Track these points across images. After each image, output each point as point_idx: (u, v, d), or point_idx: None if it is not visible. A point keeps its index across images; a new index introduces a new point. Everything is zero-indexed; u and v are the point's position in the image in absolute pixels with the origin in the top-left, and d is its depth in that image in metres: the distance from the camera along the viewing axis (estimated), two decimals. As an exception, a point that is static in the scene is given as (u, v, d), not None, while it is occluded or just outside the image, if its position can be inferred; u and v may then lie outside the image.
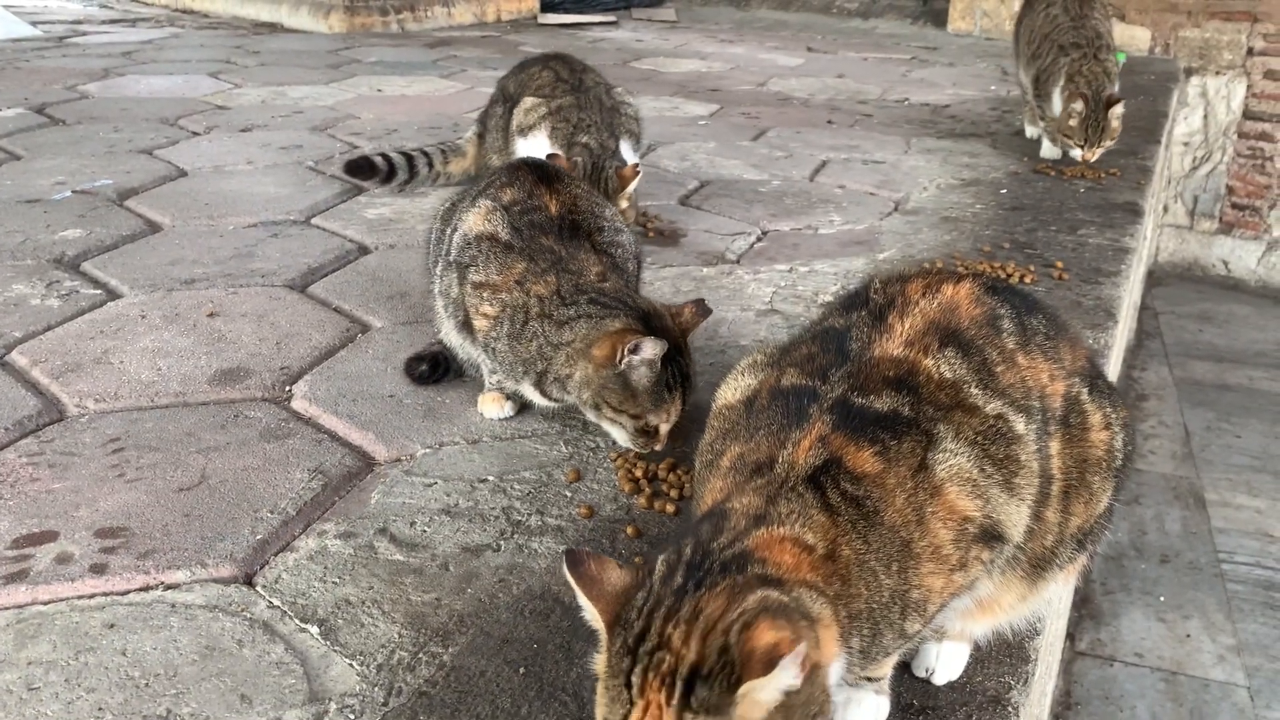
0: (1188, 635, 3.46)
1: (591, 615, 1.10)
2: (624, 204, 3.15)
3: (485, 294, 2.01)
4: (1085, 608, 3.58)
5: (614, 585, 1.10)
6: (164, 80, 5.51)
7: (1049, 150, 4.29)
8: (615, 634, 1.06)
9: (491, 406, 2.17)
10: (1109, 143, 3.96)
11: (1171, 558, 3.85)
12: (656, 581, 1.08)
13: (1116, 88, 3.99)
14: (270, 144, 4.25)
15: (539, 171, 2.16)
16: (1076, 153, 3.97)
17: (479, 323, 2.04)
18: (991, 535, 1.24)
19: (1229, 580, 3.73)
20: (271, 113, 4.82)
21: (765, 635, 1.00)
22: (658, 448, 1.94)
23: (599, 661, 1.08)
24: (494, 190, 2.13)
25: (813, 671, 1.03)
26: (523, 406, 2.18)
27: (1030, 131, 4.60)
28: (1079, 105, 3.85)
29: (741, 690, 0.98)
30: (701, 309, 2.00)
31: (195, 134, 4.39)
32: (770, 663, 0.97)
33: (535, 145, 3.26)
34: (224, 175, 3.81)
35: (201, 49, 6.58)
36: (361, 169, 3.51)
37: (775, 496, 1.17)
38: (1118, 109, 3.89)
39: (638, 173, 3.19)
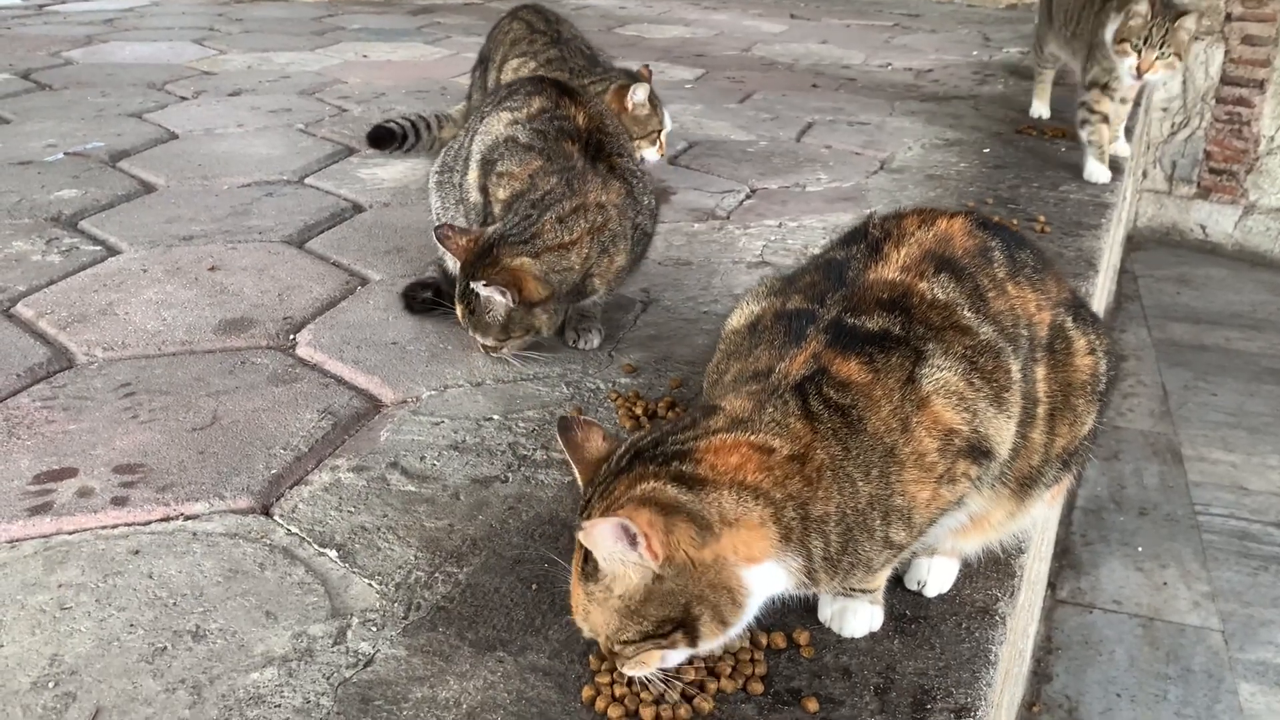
0: (1164, 583, 3.56)
1: (575, 475, 1.29)
2: (644, 112, 3.20)
3: (504, 180, 2.17)
4: (1066, 558, 3.67)
5: (594, 452, 1.28)
6: (148, 47, 5.50)
7: (1095, 173, 3.63)
8: (584, 494, 1.27)
9: None
10: (1173, 57, 3.40)
11: (1149, 510, 3.94)
12: (614, 459, 1.25)
13: None
14: (259, 108, 4.26)
15: (561, 86, 2.30)
16: (1130, 61, 3.39)
17: (496, 209, 2.18)
18: (979, 450, 1.30)
19: (1204, 531, 3.82)
20: (259, 78, 4.83)
21: (616, 516, 1.14)
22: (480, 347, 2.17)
23: None
24: (521, 97, 2.28)
25: (688, 563, 1.16)
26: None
27: (1037, 109, 4.35)
28: (1142, 6, 3.35)
29: (582, 540, 1.18)
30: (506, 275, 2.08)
31: (183, 98, 4.40)
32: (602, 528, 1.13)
33: None
34: (215, 138, 3.83)
35: (183, 16, 6.56)
36: (382, 138, 3.60)
37: (764, 402, 1.26)
38: (1189, 20, 3.40)
39: (649, 71, 3.33)
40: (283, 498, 1.75)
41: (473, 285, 2.05)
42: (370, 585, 1.53)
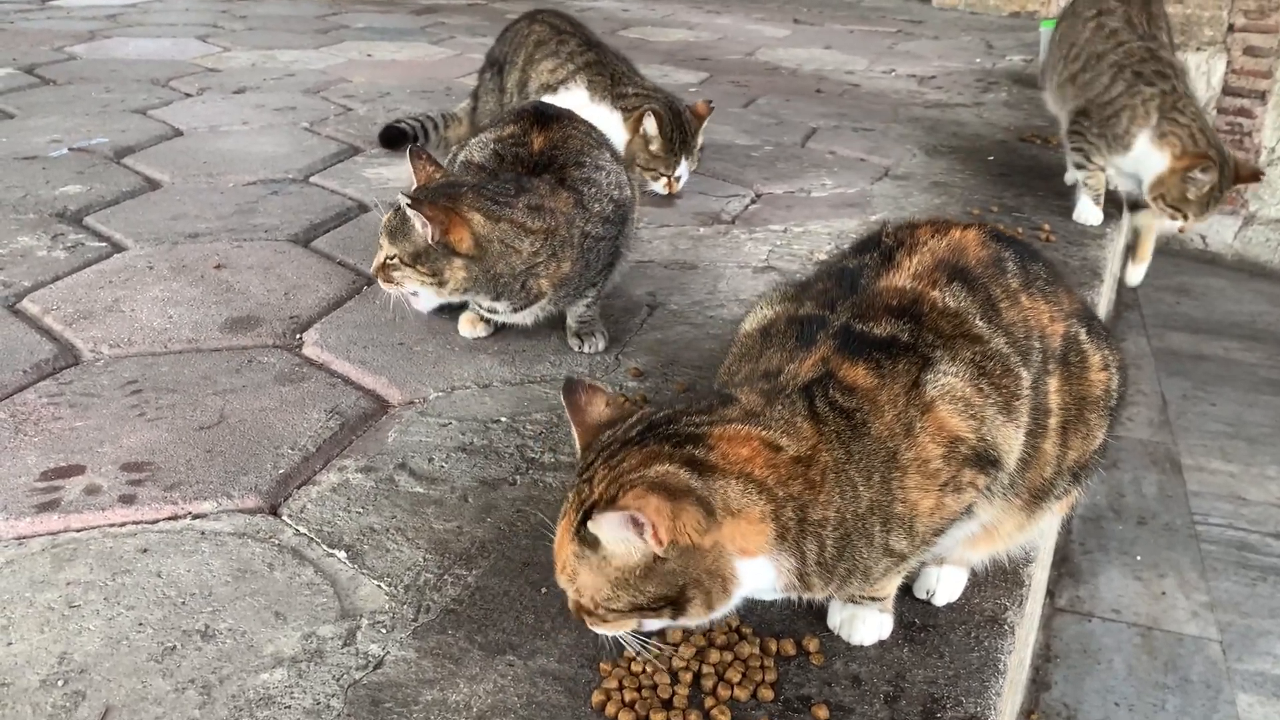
0: (1163, 593, 3.56)
1: (574, 436, 1.30)
2: (655, 145, 3.22)
3: None
4: (1064, 566, 3.67)
5: (596, 416, 1.29)
6: (152, 43, 5.49)
7: (1087, 214, 3.33)
8: (583, 456, 1.27)
9: (465, 327, 2.34)
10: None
11: (1148, 519, 3.95)
12: (624, 427, 1.25)
13: None
14: (264, 105, 4.26)
15: (539, 113, 2.35)
16: (1178, 222, 3.15)
17: None
18: (986, 459, 1.30)
19: (1203, 541, 3.83)
20: (263, 75, 4.83)
21: (627, 498, 1.15)
22: None
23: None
24: (498, 126, 2.37)
25: (691, 548, 1.17)
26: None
27: (1072, 177, 3.45)
28: (1210, 175, 2.99)
29: (592, 530, 1.17)
30: None
31: (188, 95, 4.40)
32: (612, 519, 1.14)
33: (570, 100, 3.25)
34: (220, 135, 3.83)
35: (187, 12, 6.55)
36: (395, 138, 3.61)
37: (773, 399, 1.27)
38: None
39: (711, 108, 3.35)
40: (291, 498, 1.75)
41: (404, 202, 2.06)
42: (379, 587, 1.53)
